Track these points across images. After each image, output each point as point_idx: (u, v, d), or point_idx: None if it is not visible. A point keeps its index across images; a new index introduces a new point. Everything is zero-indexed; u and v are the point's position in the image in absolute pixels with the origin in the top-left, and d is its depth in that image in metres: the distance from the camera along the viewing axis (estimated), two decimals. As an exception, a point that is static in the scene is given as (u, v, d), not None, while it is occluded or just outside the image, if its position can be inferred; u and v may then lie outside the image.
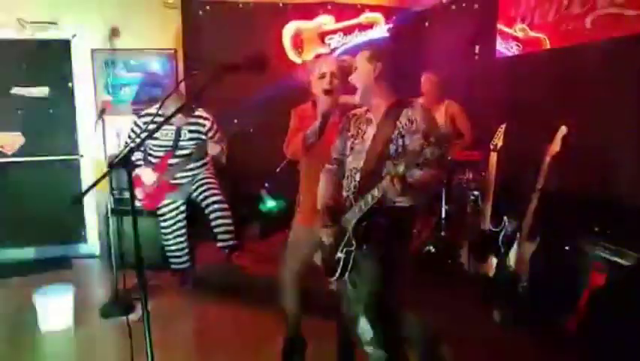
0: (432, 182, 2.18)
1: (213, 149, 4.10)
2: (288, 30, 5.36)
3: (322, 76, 2.67)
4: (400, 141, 2.21)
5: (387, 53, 2.34)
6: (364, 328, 2.19)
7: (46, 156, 5.14)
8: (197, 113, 4.17)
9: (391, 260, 2.28)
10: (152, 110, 4.19)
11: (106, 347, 3.35)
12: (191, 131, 4.15)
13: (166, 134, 4.10)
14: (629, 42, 3.20)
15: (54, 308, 3.57)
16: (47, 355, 3.34)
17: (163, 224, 4.31)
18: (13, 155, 4.90)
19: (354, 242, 2.25)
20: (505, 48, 4.40)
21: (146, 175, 4.11)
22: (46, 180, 5.12)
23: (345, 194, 2.37)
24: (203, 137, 4.18)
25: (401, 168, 1.93)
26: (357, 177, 2.30)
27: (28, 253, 5.07)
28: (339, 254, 2.32)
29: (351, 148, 2.38)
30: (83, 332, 3.59)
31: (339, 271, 2.33)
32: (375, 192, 2.10)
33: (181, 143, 4.12)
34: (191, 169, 4.21)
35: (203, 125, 4.19)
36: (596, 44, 3.44)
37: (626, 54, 3.26)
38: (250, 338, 3.43)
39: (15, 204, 5.04)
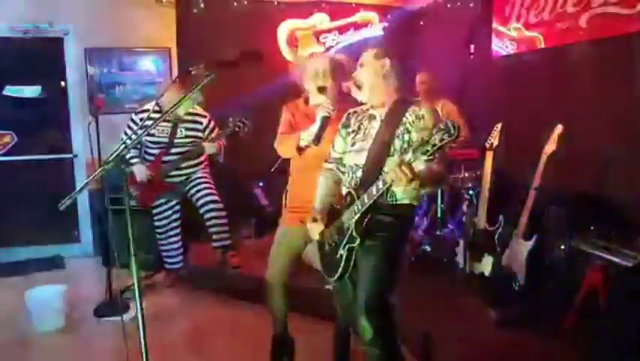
0: (437, 176, 2.16)
1: (210, 149, 4.08)
2: (283, 28, 5.35)
3: (316, 73, 2.65)
4: (407, 137, 2.20)
5: (395, 51, 2.34)
6: (365, 327, 2.17)
7: (39, 155, 5.11)
8: (194, 110, 4.15)
9: (393, 258, 2.27)
10: (149, 106, 4.16)
11: (100, 348, 3.32)
12: (187, 129, 4.12)
13: (162, 130, 4.07)
14: (623, 41, 3.20)
15: (47, 309, 3.55)
16: (41, 356, 3.30)
17: (157, 223, 4.29)
18: (6, 154, 4.93)
19: (356, 238, 2.22)
20: (500, 47, 4.40)
21: (139, 171, 4.08)
22: (39, 179, 5.09)
23: (345, 191, 2.36)
24: (200, 134, 4.16)
25: (409, 155, 1.91)
26: (359, 174, 2.28)
27: (21, 253, 5.02)
28: (341, 252, 2.30)
29: (352, 144, 2.36)
30: (76, 332, 3.57)
31: (341, 269, 2.31)
32: (380, 184, 2.07)
33: (177, 140, 4.09)
34: (186, 168, 4.19)
35: (200, 123, 4.17)
36: (591, 43, 3.44)
37: (620, 53, 3.26)
38: (245, 337, 3.42)
39: (7, 203, 5.01)
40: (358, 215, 2.20)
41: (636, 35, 3.11)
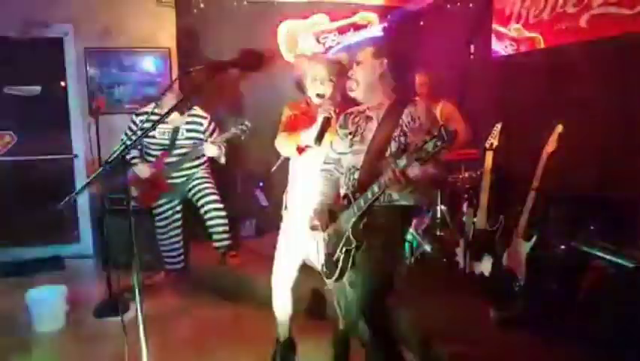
0: (433, 179, 2.16)
1: (210, 150, 4.07)
2: (283, 28, 5.34)
3: (314, 79, 2.65)
4: (403, 139, 2.20)
5: (392, 50, 2.34)
6: (363, 328, 2.17)
7: (39, 155, 5.11)
8: (194, 112, 4.15)
9: (390, 259, 2.27)
10: (149, 108, 4.16)
11: (100, 348, 3.32)
12: (188, 130, 4.13)
13: (163, 132, 4.08)
14: (623, 41, 3.20)
15: (47, 309, 3.55)
16: (40, 356, 3.30)
17: (158, 224, 4.29)
18: (5, 154, 4.92)
19: (353, 241, 2.23)
20: (500, 47, 4.40)
21: (141, 170, 4.08)
22: (39, 179, 5.08)
23: (342, 193, 2.35)
24: (201, 136, 4.15)
25: (403, 162, 1.91)
26: (356, 175, 2.28)
27: (21, 253, 5.02)
28: (338, 254, 2.30)
29: (350, 146, 2.36)
30: (76, 332, 3.57)
31: (338, 271, 2.31)
32: (375, 189, 2.07)
33: (178, 142, 4.10)
34: (187, 168, 4.19)
35: (201, 124, 4.17)
36: (591, 43, 3.44)
37: (620, 53, 3.26)
38: (245, 337, 3.41)
39: (7, 204, 5.01)
40: (355, 218, 2.20)
41: (636, 35, 3.10)
